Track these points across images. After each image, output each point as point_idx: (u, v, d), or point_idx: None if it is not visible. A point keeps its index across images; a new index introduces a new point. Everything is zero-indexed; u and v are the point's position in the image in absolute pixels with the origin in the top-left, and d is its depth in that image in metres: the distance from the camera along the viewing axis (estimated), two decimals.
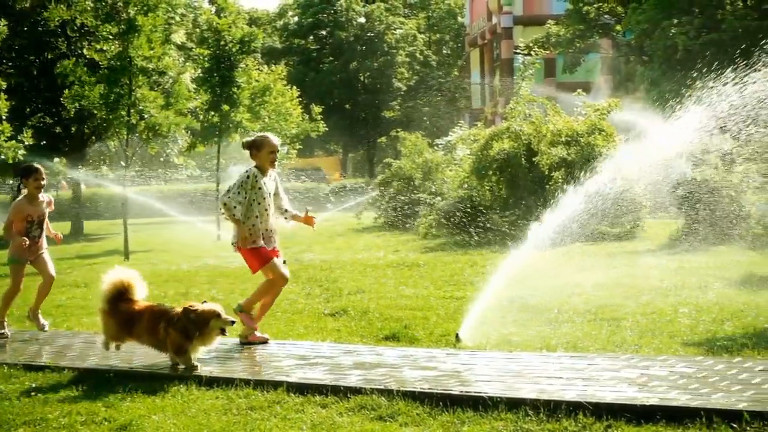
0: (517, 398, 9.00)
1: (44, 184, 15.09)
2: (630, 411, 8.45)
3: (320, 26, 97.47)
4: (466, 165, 32.05)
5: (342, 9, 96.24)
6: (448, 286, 18.45)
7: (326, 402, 9.63)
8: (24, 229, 14.80)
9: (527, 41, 58.10)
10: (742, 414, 8.04)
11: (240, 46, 39.68)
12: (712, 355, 10.88)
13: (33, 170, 15.07)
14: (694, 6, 43.88)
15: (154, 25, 32.11)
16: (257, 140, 13.18)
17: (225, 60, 39.48)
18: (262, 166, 13.14)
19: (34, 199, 14.98)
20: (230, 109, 39.18)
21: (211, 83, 39.44)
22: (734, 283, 16.72)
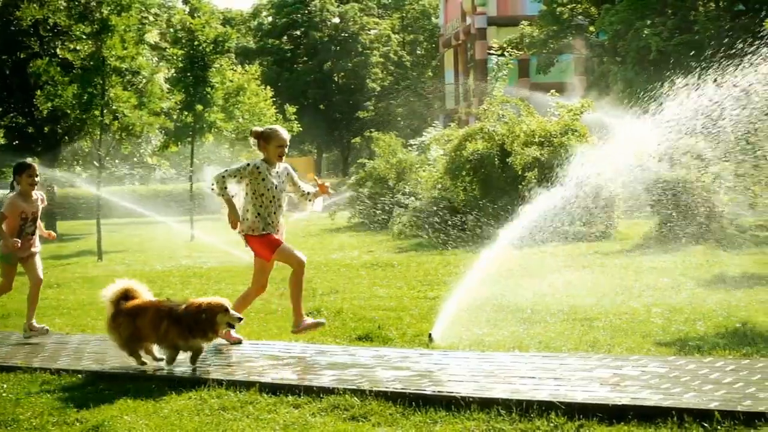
0: (490, 398, 9.01)
1: (38, 181, 14.79)
2: (602, 411, 8.47)
3: (294, 26, 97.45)
4: (440, 165, 32.11)
5: (316, 9, 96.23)
6: (422, 286, 18.47)
7: (299, 402, 9.61)
8: (17, 227, 14.45)
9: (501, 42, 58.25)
10: (713, 413, 8.06)
11: (214, 46, 39.62)
12: (684, 354, 10.92)
13: (26, 166, 14.76)
14: (667, 7, 44.07)
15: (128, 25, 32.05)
16: (266, 132, 12.91)
17: (199, 60, 39.41)
18: (269, 158, 12.88)
19: (28, 196, 14.62)
20: (204, 109, 39.10)
21: (184, 83, 39.36)
22: (707, 283, 16.79)
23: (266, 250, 12.82)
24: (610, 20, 45.10)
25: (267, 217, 12.74)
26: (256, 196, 12.76)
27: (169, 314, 11.26)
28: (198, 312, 11.09)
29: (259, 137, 12.90)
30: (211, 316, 11.07)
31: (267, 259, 12.97)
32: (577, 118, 29.29)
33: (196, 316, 11.08)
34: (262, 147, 12.90)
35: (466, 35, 74.74)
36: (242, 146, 61.71)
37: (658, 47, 41.45)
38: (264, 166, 12.78)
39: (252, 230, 12.76)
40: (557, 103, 31.14)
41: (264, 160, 12.88)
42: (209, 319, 11.08)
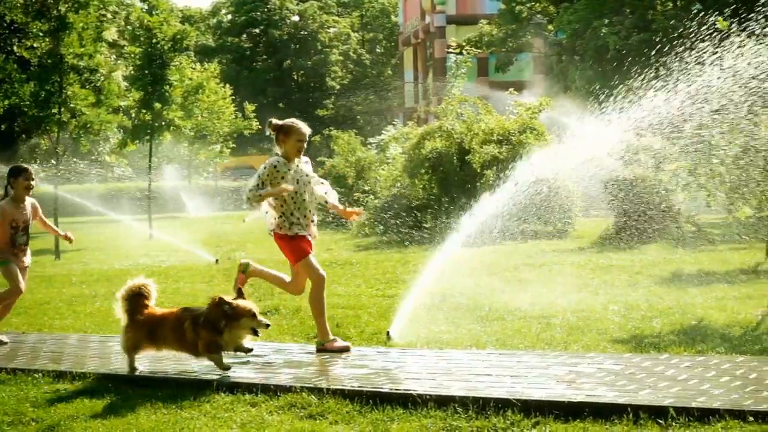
0: (447, 396, 9.04)
1: (34, 185, 14.03)
2: (558, 408, 8.51)
3: (254, 24, 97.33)
4: (399, 164, 32.14)
5: (275, 7, 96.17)
6: (380, 284, 18.49)
7: (256, 401, 9.61)
8: (9, 236, 13.65)
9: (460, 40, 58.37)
10: (668, 410, 8.12)
11: (172, 44, 39.44)
12: (639, 352, 10.99)
13: (22, 170, 13.97)
14: (624, 6, 44.29)
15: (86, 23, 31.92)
16: (286, 126, 12.25)
17: (157, 58, 39.22)
18: (287, 153, 12.17)
19: (20, 202, 13.81)
20: (162, 107, 38.93)
21: (143, 81, 39.17)
22: (663, 281, 16.90)
23: (292, 254, 12.30)
24: (569, 19, 45.29)
25: (290, 215, 12.11)
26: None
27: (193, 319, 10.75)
28: (222, 314, 10.58)
29: (279, 130, 12.27)
30: (234, 315, 10.61)
31: (292, 263, 12.47)
32: (536, 117, 29.41)
33: (217, 310, 10.61)
34: (280, 141, 12.25)
35: (425, 34, 74.86)
36: (201, 144, 61.62)
37: (616, 46, 41.67)
38: (281, 162, 12.12)
39: (279, 227, 12.20)
40: (516, 101, 31.26)
41: (281, 155, 12.24)
42: (230, 318, 10.60)
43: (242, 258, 23.84)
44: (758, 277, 16.76)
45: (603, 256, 20.91)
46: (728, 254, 20.37)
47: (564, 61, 48.49)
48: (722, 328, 12.31)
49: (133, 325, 11.09)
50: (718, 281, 16.47)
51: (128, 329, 11.14)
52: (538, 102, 30.24)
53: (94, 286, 20.29)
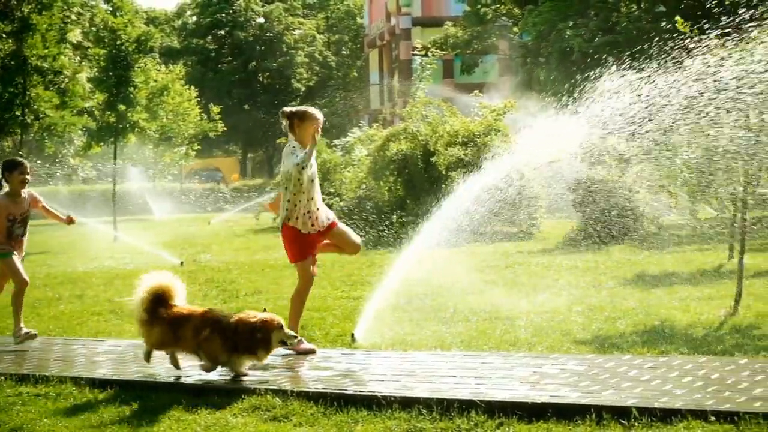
0: (411, 397, 9.06)
1: (30, 179, 13.92)
2: (521, 408, 8.56)
3: (219, 26, 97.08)
4: (364, 166, 32.15)
5: (241, 9, 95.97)
6: (345, 286, 18.49)
7: (220, 403, 9.60)
8: (5, 229, 13.59)
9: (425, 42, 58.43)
10: (630, 410, 8.18)
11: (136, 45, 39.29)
12: (603, 352, 11.04)
13: (17, 164, 13.87)
14: (589, 9, 44.44)
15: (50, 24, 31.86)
16: (300, 112, 11.96)
17: (121, 59, 39.06)
18: (302, 141, 11.85)
19: (17, 195, 13.70)
20: (127, 109, 38.78)
21: (107, 83, 39.00)
22: (627, 282, 16.99)
23: (295, 252, 12.10)
24: (534, 21, 45.40)
25: (303, 205, 11.84)
26: (296, 182, 11.82)
27: (214, 324, 10.51)
28: (252, 331, 10.29)
29: (293, 117, 11.97)
30: (266, 334, 10.34)
31: (291, 260, 12.32)
32: (500, 119, 29.49)
33: (251, 334, 10.28)
34: (295, 127, 11.93)
35: (390, 36, 74.88)
36: (166, 146, 61.45)
37: (580, 48, 41.79)
38: (298, 147, 11.84)
39: (288, 219, 11.93)
40: (481, 103, 31.32)
41: (296, 141, 11.90)
42: (264, 338, 10.33)
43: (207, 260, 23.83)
44: (721, 277, 16.85)
45: (567, 258, 20.99)
46: (692, 255, 20.48)
47: (529, 63, 48.61)
48: (685, 329, 12.39)
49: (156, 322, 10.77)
50: (682, 282, 16.56)
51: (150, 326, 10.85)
52: (503, 104, 30.33)
53: (57, 289, 20.20)
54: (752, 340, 11.64)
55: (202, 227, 42.41)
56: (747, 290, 14.12)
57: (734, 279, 14.10)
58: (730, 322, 12.80)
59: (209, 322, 10.55)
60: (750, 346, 11.24)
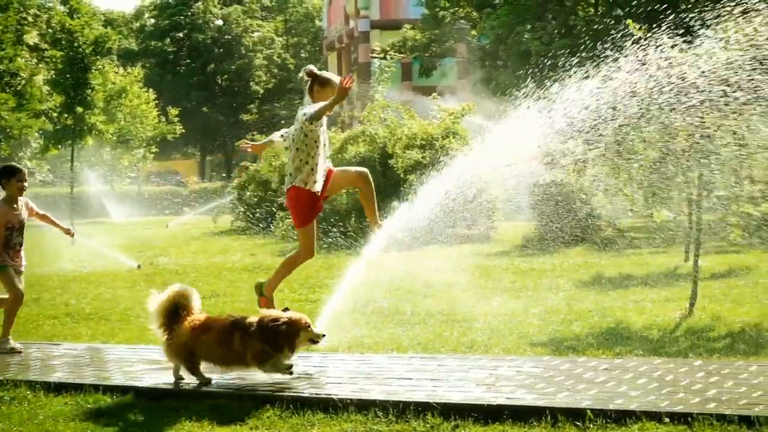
0: (367, 400, 9.07)
1: (27, 186, 13.59)
2: (477, 411, 8.57)
3: (177, 28, 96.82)
4: None
5: (199, 11, 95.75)
6: (303, 289, 18.48)
7: (176, 406, 9.56)
8: (3, 238, 13.16)
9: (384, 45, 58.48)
10: (585, 412, 8.22)
11: (94, 47, 39.14)
12: (559, 355, 11.10)
13: (16, 170, 13.48)
14: (547, 12, 44.61)
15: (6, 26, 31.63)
16: (323, 77, 11.48)
17: (79, 62, 38.90)
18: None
19: (14, 202, 13.32)
20: (84, 111, 38.62)
21: (64, 85, 38.83)
22: (584, 285, 17.08)
23: (301, 216, 11.71)
24: (491, 24, 45.54)
25: (316, 167, 11.42)
26: (312, 143, 11.35)
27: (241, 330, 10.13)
28: (280, 330, 9.98)
29: (315, 80, 11.50)
30: (293, 331, 10.04)
31: (297, 226, 11.89)
32: (458, 121, 29.55)
33: (278, 334, 9.98)
34: (314, 91, 11.49)
35: (349, 38, 74.93)
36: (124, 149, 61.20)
37: (538, 51, 41.94)
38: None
39: (305, 183, 11.43)
40: (439, 106, 31.37)
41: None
42: (290, 335, 10.03)
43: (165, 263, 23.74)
44: (677, 280, 16.96)
45: (525, 260, 21.07)
46: (648, 257, 20.62)
47: (487, 67, 48.74)
48: (641, 331, 12.48)
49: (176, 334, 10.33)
50: (638, 284, 16.68)
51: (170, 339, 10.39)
52: (461, 107, 30.38)
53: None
54: (707, 341, 11.74)
55: (159, 230, 42.26)
56: (702, 292, 14.23)
57: (690, 281, 14.20)
58: (685, 324, 12.90)
59: (234, 327, 10.18)
60: (704, 347, 11.33)
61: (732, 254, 19.98)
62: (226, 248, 30.23)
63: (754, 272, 17.70)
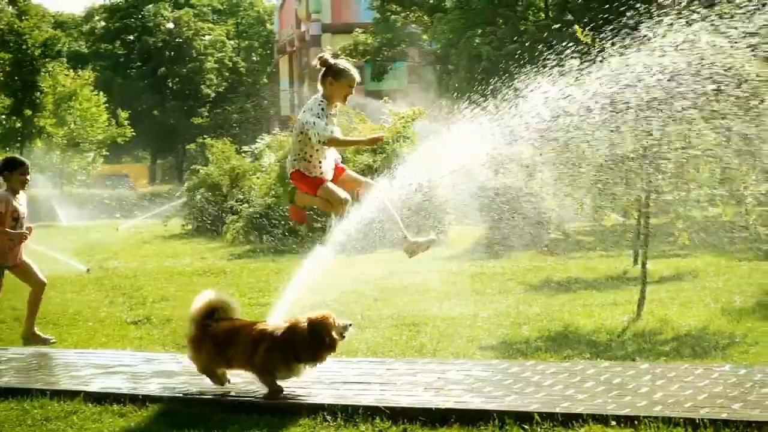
0: (315, 404, 9.09)
1: (30, 180, 13.59)
2: (426, 414, 8.60)
3: (128, 31, 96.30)
4: (273, 172, 32.08)
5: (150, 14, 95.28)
6: (254, 292, 18.44)
7: (124, 411, 9.52)
8: (9, 228, 13.21)
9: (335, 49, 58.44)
10: (532, 415, 8.27)
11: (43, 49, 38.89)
12: (507, 358, 11.15)
13: (19, 163, 13.49)
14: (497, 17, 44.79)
15: None
16: (337, 68, 10.76)
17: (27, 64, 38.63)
18: (331, 98, 10.76)
19: (16, 194, 13.36)
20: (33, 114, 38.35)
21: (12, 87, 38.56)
22: (533, 288, 17.16)
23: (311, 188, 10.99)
24: (442, 29, 45.68)
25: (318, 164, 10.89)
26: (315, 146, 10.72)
27: (267, 339, 9.68)
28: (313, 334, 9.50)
29: (328, 70, 10.77)
30: (327, 333, 9.55)
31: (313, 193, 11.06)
32: (409, 126, 29.57)
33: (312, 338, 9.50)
34: (327, 82, 10.78)
35: (300, 42, 74.87)
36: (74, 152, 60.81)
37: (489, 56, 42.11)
38: (325, 104, 10.74)
39: (309, 171, 10.88)
40: (390, 110, 31.39)
41: (324, 97, 10.80)
42: (329, 337, 9.55)
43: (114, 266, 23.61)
44: (625, 283, 17.07)
45: (475, 264, 21.14)
46: (597, 261, 20.74)
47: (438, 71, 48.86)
48: (589, 334, 12.56)
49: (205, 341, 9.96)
50: (587, 288, 16.78)
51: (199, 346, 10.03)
52: (412, 111, 30.42)
53: None
54: (654, 345, 11.84)
55: (110, 234, 42.02)
56: (650, 296, 14.33)
57: (638, 285, 14.30)
58: (632, 327, 12.99)
59: (261, 338, 9.71)
60: (651, 351, 11.43)
61: (680, 258, 20.12)
62: (177, 252, 30.11)
63: (701, 276, 17.84)
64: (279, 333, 9.69)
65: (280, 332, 9.69)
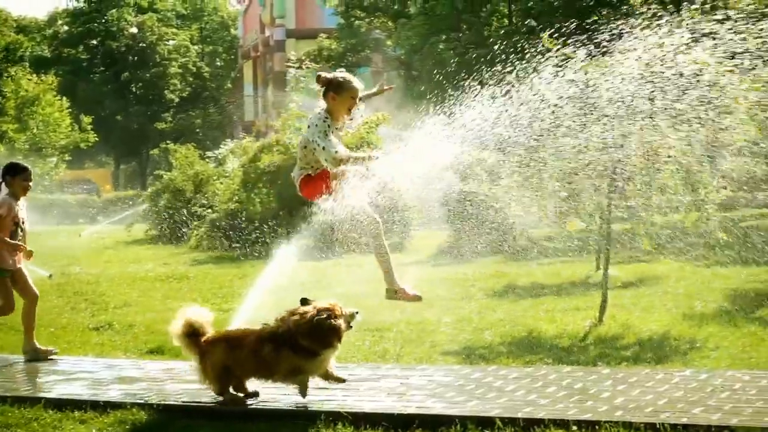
0: (277, 409, 9.08)
1: (31, 187, 13.33)
2: (388, 420, 8.61)
3: (91, 36, 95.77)
4: (237, 177, 32.02)
5: (113, 19, 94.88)
6: (217, 298, 18.39)
7: (85, 417, 9.47)
8: (10, 234, 12.89)
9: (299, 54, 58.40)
10: (494, 420, 8.28)
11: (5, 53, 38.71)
12: (470, 363, 11.17)
13: (21, 168, 13.21)
14: (461, 23, 44.87)
15: None
16: (336, 82, 10.57)
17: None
18: (335, 112, 10.56)
19: (18, 200, 13.08)
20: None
21: None
22: (496, 294, 17.20)
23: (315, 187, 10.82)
24: (407, 35, 45.72)
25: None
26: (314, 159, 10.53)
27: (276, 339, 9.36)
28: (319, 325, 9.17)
29: (329, 84, 10.59)
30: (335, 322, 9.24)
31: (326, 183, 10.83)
32: (373, 131, 29.56)
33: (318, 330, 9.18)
34: (329, 98, 10.60)
35: (265, 47, 74.76)
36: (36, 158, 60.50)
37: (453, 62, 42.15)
38: (329, 119, 10.55)
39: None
40: None
41: (328, 112, 10.61)
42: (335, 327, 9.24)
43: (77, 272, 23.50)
44: (588, 289, 17.12)
45: (439, 269, 21.17)
46: (560, 267, 20.79)
47: (403, 76, 48.91)
48: (551, 340, 12.60)
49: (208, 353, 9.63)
50: (550, 293, 16.82)
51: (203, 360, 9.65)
52: (376, 117, 30.40)
53: None
54: (615, 350, 11.88)
55: (72, 239, 41.80)
56: (612, 301, 14.37)
57: (600, 290, 14.35)
58: (594, 332, 13.03)
59: (266, 338, 9.45)
60: (613, 356, 11.48)
61: (642, 263, 20.19)
62: (140, 257, 30.01)
63: (663, 281, 17.90)
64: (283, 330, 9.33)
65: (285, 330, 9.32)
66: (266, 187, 29.45)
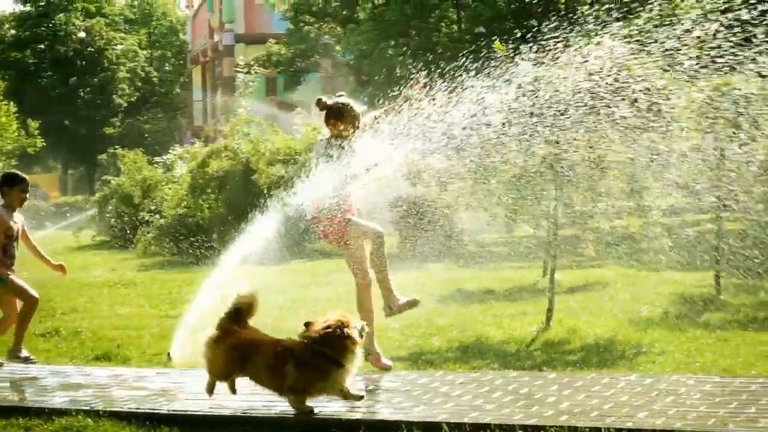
0: (222, 416, 9.07)
1: (28, 198, 13.22)
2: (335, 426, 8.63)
3: (38, 40, 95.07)
4: (185, 183, 31.94)
5: (61, 23, 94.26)
6: (164, 304, 18.33)
7: (30, 425, 9.41)
8: (2, 246, 12.82)
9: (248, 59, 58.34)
10: (440, 425, 8.30)
11: None
12: (417, 369, 11.19)
13: (20, 180, 13.00)
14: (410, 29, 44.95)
15: None
16: (336, 108, 10.90)
17: None
18: (337, 136, 10.96)
19: (12, 211, 12.90)
20: None
21: None
22: (444, 299, 17.21)
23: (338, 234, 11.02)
24: (356, 40, 45.72)
25: None
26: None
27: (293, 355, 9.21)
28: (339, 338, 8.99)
29: (329, 111, 10.96)
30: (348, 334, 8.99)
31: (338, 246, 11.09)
32: None
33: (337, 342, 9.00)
34: (331, 125, 11.00)
35: (213, 52, 74.52)
36: None
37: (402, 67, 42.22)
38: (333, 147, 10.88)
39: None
40: (303, 121, 31.37)
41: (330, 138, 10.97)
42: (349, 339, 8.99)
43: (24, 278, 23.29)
44: (536, 294, 17.18)
45: None
46: (509, 272, 20.84)
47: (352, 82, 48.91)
48: (498, 345, 12.64)
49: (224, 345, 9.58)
50: (498, 299, 16.87)
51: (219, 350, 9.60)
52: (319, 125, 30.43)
53: None
54: (562, 354, 11.94)
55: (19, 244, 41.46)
56: (559, 306, 14.44)
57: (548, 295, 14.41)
58: (541, 337, 13.09)
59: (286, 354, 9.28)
60: (559, 360, 11.53)
61: (589, 268, 20.29)
62: (87, 263, 29.82)
63: (609, 286, 17.99)
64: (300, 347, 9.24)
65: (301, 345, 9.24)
66: (215, 192, 29.42)
